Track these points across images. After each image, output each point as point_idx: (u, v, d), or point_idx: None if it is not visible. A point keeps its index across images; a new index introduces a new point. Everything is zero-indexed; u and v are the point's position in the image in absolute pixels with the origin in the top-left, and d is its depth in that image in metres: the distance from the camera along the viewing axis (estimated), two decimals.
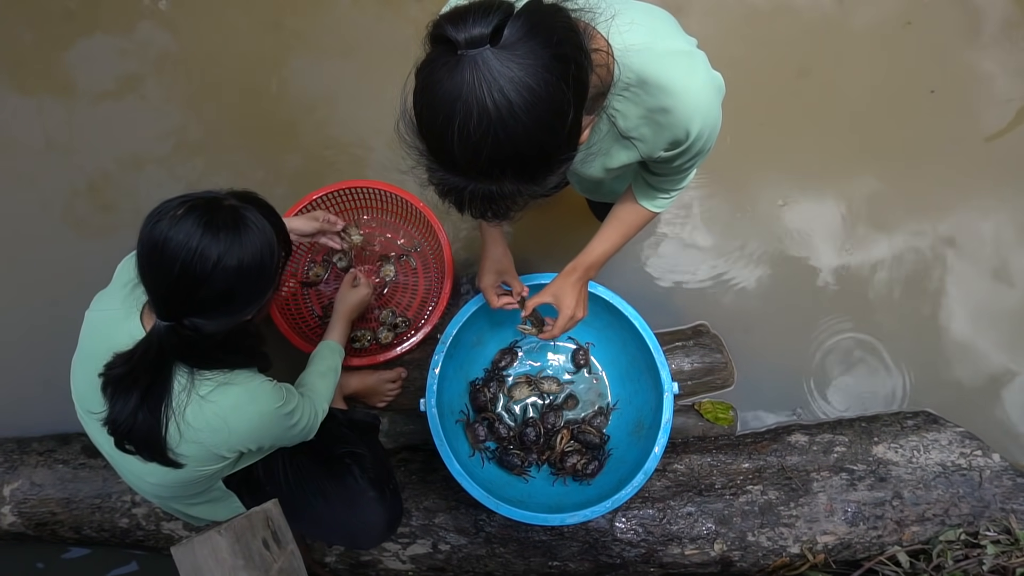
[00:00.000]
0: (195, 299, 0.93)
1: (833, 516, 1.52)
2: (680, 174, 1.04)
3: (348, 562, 1.55)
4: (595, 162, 1.01)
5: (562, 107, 0.66)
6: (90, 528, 1.59)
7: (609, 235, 1.20)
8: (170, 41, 2.10)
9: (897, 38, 2.07)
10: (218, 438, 1.05)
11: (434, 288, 1.78)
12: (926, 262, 1.90)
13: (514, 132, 0.64)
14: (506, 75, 0.62)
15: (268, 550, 0.95)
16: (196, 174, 1.99)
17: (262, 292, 1.01)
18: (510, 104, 0.62)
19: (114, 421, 0.99)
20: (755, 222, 1.94)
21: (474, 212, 0.75)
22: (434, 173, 0.71)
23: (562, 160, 0.72)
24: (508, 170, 0.68)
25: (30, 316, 1.88)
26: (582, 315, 1.27)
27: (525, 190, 0.72)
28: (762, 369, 1.81)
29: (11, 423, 1.76)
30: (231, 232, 0.93)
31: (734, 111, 1.94)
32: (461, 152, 0.66)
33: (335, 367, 1.41)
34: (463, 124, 0.63)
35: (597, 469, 1.47)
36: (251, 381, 1.07)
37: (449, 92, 0.63)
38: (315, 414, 1.26)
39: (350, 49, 2.06)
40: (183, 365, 1.01)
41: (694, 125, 0.86)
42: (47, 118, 2.04)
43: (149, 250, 0.92)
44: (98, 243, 1.92)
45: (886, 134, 2.00)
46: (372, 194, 1.76)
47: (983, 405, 1.78)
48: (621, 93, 0.86)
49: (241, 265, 0.94)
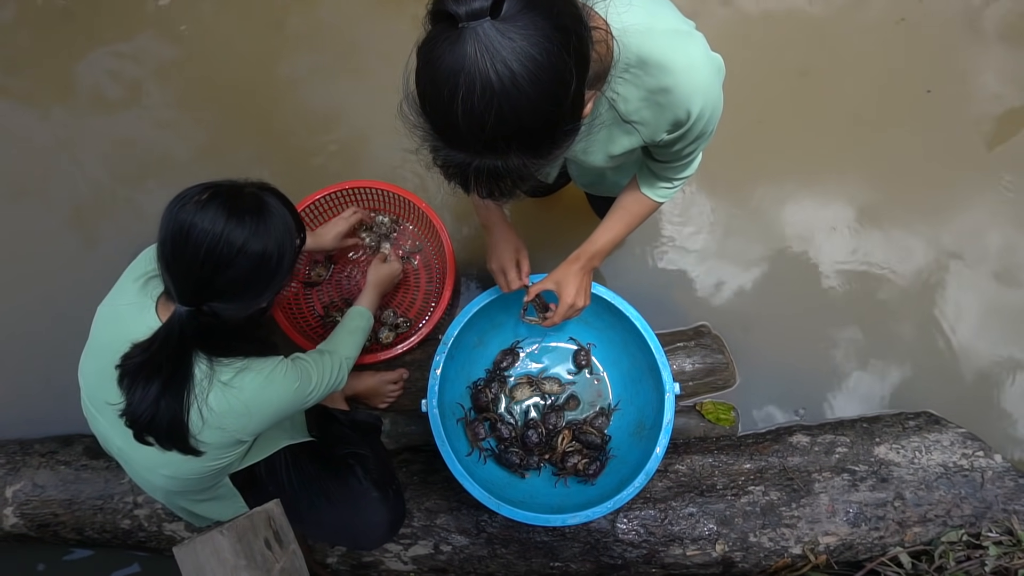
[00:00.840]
0: (218, 283, 0.95)
1: (835, 517, 1.51)
2: (683, 160, 1.03)
3: (350, 563, 1.55)
4: (598, 150, 1.01)
5: (565, 76, 0.66)
6: (92, 529, 1.59)
7: (613, 224, 1.20)
8: (171, 43, 2.10)
9: (892, 36, 2.08)
10: (240, 422, 1.07)
11: (436, 288, 1.78)
12: (928, 262, 1.90)
13: (518, 103, 0.64)
14: (508, 46, 0.62)
15: (270, 550, 0.95)
16: (197, 175, 1.98)
17: (280, 278, 1.03)
18: (513, 75, 0.62)
19: (133, 411, 0.99)
20: (755, 222, 1.94)
21: (480, 190, 0.74)
22: (438, 152, 0.71)
23: (566, 132, 0.72)
24: (513, 142, 0.68)
25: (31, 317, 1.88)
26: (583, 304, 1.27)
27: (530, 164, 0.71)
28: (763, 370, 1.81)
29: (13, 424, 1.76)
30: (255, 217, 0.96)
31: (733, 109, 1.96)
32: (466, 125, 0.65)
33: (364, 328, 1.44)
34: (467, 97, 0.63)
35: (599, 470, 1.47)
36: (267, 365, 1.09)
37: (451, 66, 0.63)
38: (340, 366, 1.28)
39: (351, 49, 2.07)
40: (201, 353, 1.02)
41: (695, 104, 0.86)
42: (49, 120, 2.05)
43: (175, 234, 0.93)
44: (100, 246, 1.93)
45: (887, 134, 2.00)
46: (375, 194, 1.76)
47: (985, 405, 1.78)
48: (621, 75, 0.86)
49: (265, 250, 0.96)
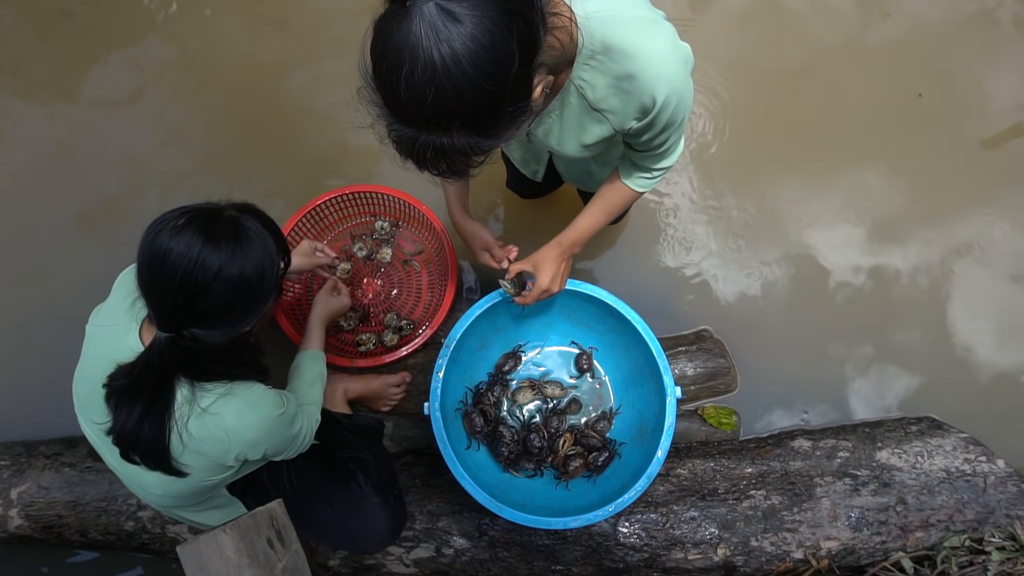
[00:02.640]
0: (195, 310, 0.93)
1: (837, 521, 1.51)
2: (656, 150, 1.04)
3: (352, 566, 1.56)
4: (571, 139, 1.02)
5: (507, 58, 0.68)
6: (96, 531, 1.60)
7: (593, 212, 1.23)
8: (172, 46, 2.13)
9: (896, 42, 2.09)
10: (221, 448, 1.05)
11: (438, 291, 1.79)
12: (932, 266, 1.90)
13: (457, 81, 0.66)
14: (451, 26, 0.65)
15: (273, 549, 0.96)
16: (199, 177, 2.01)
17: (262, 302, 1.00)
18: (454, 53, 0.65)
19: (119, 431, 0.99)
20: (758, 226, 1.94)
21: (431, 168, 0.77)
22: (391, 126, 0.74)
23: (511, 113, 0.73)
24: (455, 120, 0.70)
25: (34, 320, 1.90)
26: (557, 289, 1.31)
27: (478, 144, 0.74)
28: (765, 374, 1.81)
29: (19, 426, 1.78)
30: (232, 242, 0.93)
31: (733, 110, 1.98)
32: (408, 101, 0.68)
33: (321, 374, 1.40)
34: (408, 73, 0.66)
35: (608, 460, 1.47)
36: (251, 391, 1.06)
37: (396, 42, 0.66)
38: (311, 422, 1.27)
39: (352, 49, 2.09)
40: (183, 378, 1.00)
41: (660, 91, 0.87)
42: (51, 122, 2.07)
43: (150, 261, 0.92)
44: (104, 248, 1.94)
45: (892, 135, 2.01)
46: (376, 199, 1.78)
47: (987, 410, 1.78)
48: (587, 62, 0.87)
49: (242, 275, 0.93)
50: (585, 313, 1.55)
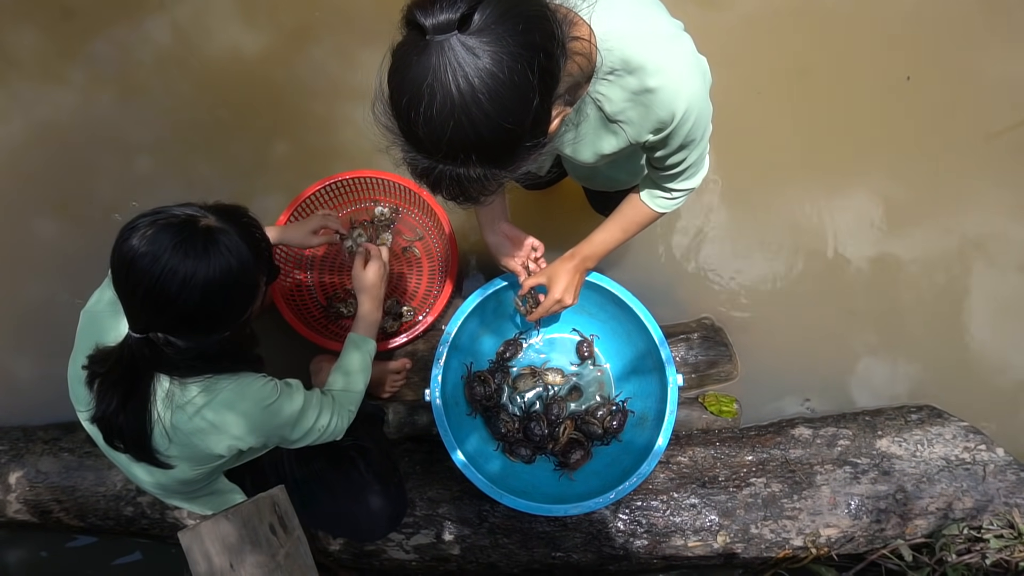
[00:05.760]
0: (163, 317, 0.92)
1: (836, 509, 1.52)
2: (675, 169, 1.03)
3: (352, 551, 1.56)
4: (586, 148, 1.01)
5: (526, 94, 0.67)
6: (95, 516, 1.60)
7: (611, 228, 1.21)
8: (170, 34, 2.09)
9: (894, 30, 2.07)
10: (208, 440, 1.04)
11: (438, 277, 1.78)
12: (935, 256, 1.89)
13: (476, 118, 0.65)
14: (471, 62, 0.63)
15: (275, 535, 0.95)
16: (196, 166, 1.99)
17: (237, 311, 0.98)
18: (473, 90, 0.64)
19: (100, 418, 0.98)
20: (760, 216, 1.93)
21: (446, 194, 0.76)
22: (407, 153, 0.73)
23: (529, 147, 0.73)
24: (472, 154, 0.69)
25: (32, 304, 1.88)
26: (570, 302, 1.28)
27: (494, 175, 0.73)
28: (766, 362, 1.81)
29: (16, 411, 1.77)
30: (200, 254, 0.90)
31: (736, 106, 1.96)
32: (426, 135, 0.67)
33: (360, 363, 1.33)
34: (427, 108, 0.65)
35: (622, 421, 1.49)
36: (238, 382, 1.04)
37: (416, 76, 0.65)
38: (341, 413, 1.24)
39: (352, 43, 2.06)
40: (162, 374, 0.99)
41: (679, 106, 0.86)
42: (47, 109, 2.05)
43: (118, 265, 0.90)
44: (105, 236, 1.89)
45: (895, 126, 1.99)
46: (376, 184, 1.76)
47: (987, 399, 1.78)
48: (605, 77, 0.86)
49: (208, 288, 0.90)
50: (587, 300, 1.54)
